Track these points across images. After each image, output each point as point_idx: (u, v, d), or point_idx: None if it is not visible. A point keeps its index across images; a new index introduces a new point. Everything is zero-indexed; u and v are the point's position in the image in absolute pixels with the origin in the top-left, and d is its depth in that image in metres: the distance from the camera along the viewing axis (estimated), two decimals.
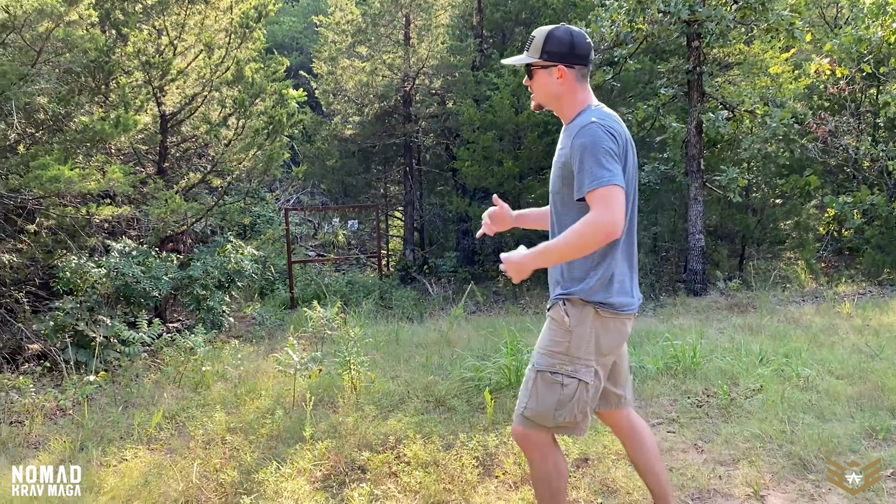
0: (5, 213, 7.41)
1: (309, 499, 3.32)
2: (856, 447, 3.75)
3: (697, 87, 10.00)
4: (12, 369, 6.17)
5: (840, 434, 3.88)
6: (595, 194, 2.34)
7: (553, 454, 2.63)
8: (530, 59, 2.57)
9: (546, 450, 2.61)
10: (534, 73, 2.58)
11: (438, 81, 13.81)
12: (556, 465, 2.64)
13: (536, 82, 2.59)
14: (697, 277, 10.30)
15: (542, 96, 2.60)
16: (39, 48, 6.66)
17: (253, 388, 5.19)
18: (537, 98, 2.63)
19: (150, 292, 7.17)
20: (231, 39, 8.82)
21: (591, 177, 2.34)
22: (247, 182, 10.26)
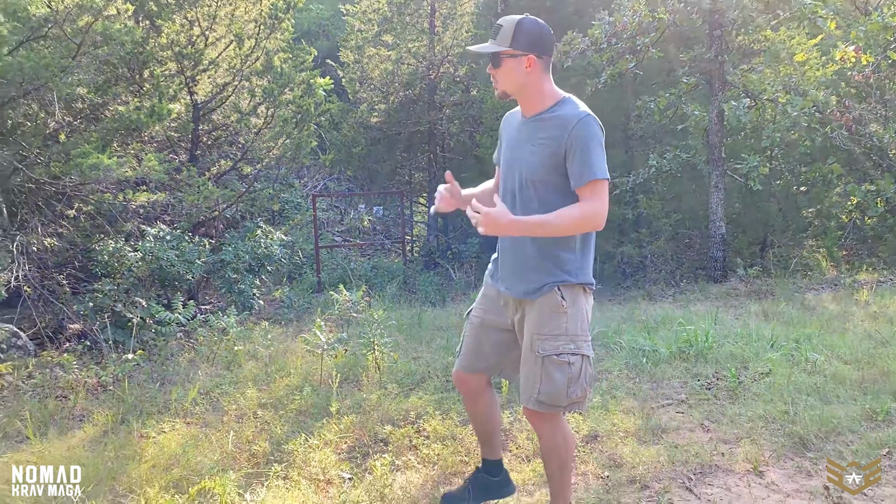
0: (46, 198, 7.75)
1: (335, 467, 3.58)
2: (855, 428, 3.92)
3: (719, 75, 10.07)
4: (55, 347, 6.49)
5: (841, 415, 4.05)
6: (597, 185, 2.54)
7: (563, 427, 2.80)
8: (499, 47, 2.59)
9: (556, 422, 2.76)
10: (501, 62, 2.60)
11: (463, 69, 13.96)
12: (565, 437, 2.80)
13: (503, 70, 2.61)
14: (718, 265, 10.40)
15: (508, 85, 2.63)
16: (79, 41, 6.94)
17: (282, 367, 5.46)
18: (502, 86, 2.65)
19: (183, 275, 7.46)
20: (260, 30, 9.06)
21: (592, 168, 2.52)
22: (276, 169, 10.53)
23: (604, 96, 12.03)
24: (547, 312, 2.67)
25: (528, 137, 2.67)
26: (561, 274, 2.68)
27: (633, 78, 11.72)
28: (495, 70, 2.64)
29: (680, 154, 10.80)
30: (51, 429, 4.37)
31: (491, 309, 2.91)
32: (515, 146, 2.73)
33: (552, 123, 2.61)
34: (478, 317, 2.94)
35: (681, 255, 11.88)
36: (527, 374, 2.71)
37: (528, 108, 2.70)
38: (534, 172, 2.64)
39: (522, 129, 2.72)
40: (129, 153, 7.71)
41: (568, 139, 2.55)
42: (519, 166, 2.70)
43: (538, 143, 2.63)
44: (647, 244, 11.51)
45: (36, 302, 6.98)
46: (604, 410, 4.29)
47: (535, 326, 2.68)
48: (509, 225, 2.49)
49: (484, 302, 2.95)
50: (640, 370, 5.20)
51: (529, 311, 2.73)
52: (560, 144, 2.57)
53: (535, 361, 2.67)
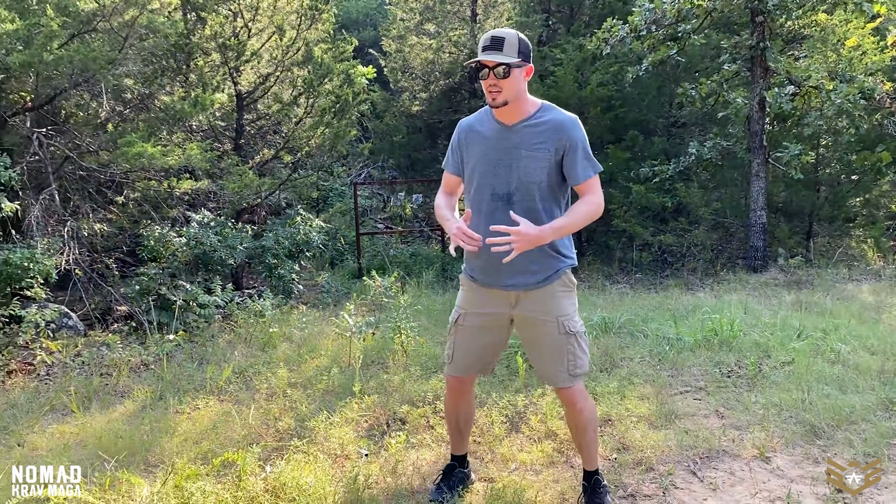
0: (98, 186, 8.11)
1: (353, 443, 3.75)
2: (868, 417, 3.93)
3: (761, 62, 9.91)
4: (103, 328, 6.82)
5: (856, 405, 4.06)
6: (595, 180, 2.84)
7: (588, 393, 3.07)
8: (510, 59, 2.71)
9: (586, 393, 3.03)
10: (511, 72, 2.72)
11: None
12: (592, 401, 3.11)
13: (511, 80, 2.73)
14: (758, 254, 10.27)
15: (511, 93, 2.75)
16: (126, 34, 7.24)
17: (314, 349, 5.66)
18: (505, 96, 2.74)
19: (226, 260, 7.72)
20: (301, 21, 9.27)
21: (591, 165, 2.84)
22: (318, 158, 10.75)
23: (645, 83, 11.95)
24: (561, 294, 2.92)
25: (519, 144, 2.81)
26: (564, 259, 2.93)
27: (675, 65, 11.59)
28: (503, 80, 2.72)
29: (720, 142, 10.67)
30: (94, 403, 4.64)
31: (486, 309, 2.98)
32: (502, 154, 2.83)
33: (545, 128, 2.80)
34: (473, 321, 3.02)
35: (720, 245, 11.75)
36: (558, 356, 2.90)
37: (514, 115, 2.83)
38: (533, 175, 2.80)
39: (508, 135, 2.83)
40: (173, 142, 8.00)
41: (566, 141, 2.79)
42: (513, 171, 2.82)
43: (534, 148, 2.79)
44: (687, 233, 11.42)
45: (86, 284, 7.33)
46: (619, 396, 4.37)
47: (557, 309, 2.90)
48: (540, 237, 2.68)
49: (476, 304, 3.01)
50: (662, 358, 5.25)
51: (536, 298, 2.89)
52: (558, 146, 2.79)
53: (566, 340, 2.89)
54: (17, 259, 5.99)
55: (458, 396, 3.17)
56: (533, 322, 2.91)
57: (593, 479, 3.09)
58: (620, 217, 11.06)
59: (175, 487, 2.98)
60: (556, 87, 11.52)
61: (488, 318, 2.99)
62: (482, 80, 2.77)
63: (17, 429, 4.14)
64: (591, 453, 3.08)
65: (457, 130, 3.03)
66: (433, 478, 3.35)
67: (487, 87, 2.76)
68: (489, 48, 2.74)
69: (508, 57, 2.71)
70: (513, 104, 2.79)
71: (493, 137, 2.87)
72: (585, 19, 13.81)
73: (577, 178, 2.81)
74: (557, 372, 2.91)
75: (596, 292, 8.82)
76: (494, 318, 2.98)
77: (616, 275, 10.72)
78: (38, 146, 6.97)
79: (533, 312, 2.90)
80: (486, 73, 2.74)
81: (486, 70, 2.74)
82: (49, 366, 5.57)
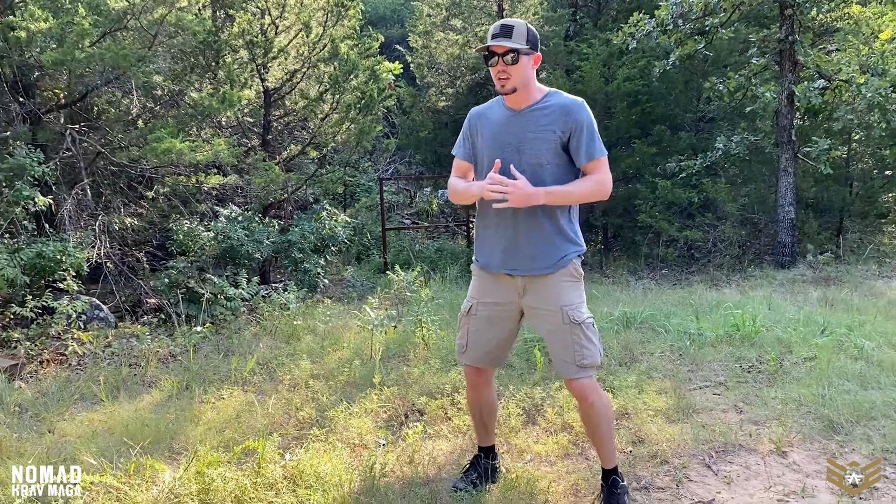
0: (128, 181, 8.28)
1: (371, 433, 3.82)
2: (888, 413, 3.91)
3: (790, 56, 9.80)
4: (133, 320, 6.98)
5: (877, 401, 4.03)
6: (603, 160, 2.87)
7: (601, 388, 3.03)
8: (519, 45, 2.77)
9: (598, 387, 2.99)
10: (519, 59, 2.78)
11: None
12: (606, 396, 3.05)
13: (519, 67, 2.79)
14: (786, 250, 10.18)
15: (519, 80, 2.81)
16: (155, 32, 7.38)
17: (337, 341, 5.74)
18: (514, 82, 2.80)
19: (253, 254, 7.84)
20: (328, 18, 9.35)
21: (599, 146, 2.86)
22: (344, 153, 10.85)
23: (672, 78, 11.88)
24: (568, 283, 2.92)
25: (525, 126, 2.87)
26: (572, 245, 2.94)
27: (703, 59, 11.50)
28: (511, 66, 2.79)
29: (748, 137, 10.57)
30: (122, 393, 4.77)
31: (497, 299, 3.01)
32: (509, 136, 2.89)
33: (551, 111, 2.86)
34: (485, 311, 3.05)
35: (748, 241, 11.65)
36: (564, 346, 2.89)
37: (521, 101, 2.89)
38: (541, 156, 2.85)
39: (516, 120, 2.90)
40: (201, 138, 8.13)
41: (572, 123, 2.83)
42: (520, 153, 2.87)
43: (541, 130, 2.85)
44: (714, 229, 11.33)
45: (117, 277, 7.50)
46: (637, 390, 4.38)
47: (562, 298, 2.89)
48: (536, 195, 2.73)
49: (486, 294, 3.04)
50: (682, 353, 5.24)
51: (542, 287, 2.91)
52: (564, 128, 2.83)
53: (571, 330, 2.87)
54: (51, 252, 6.16)
55: (477, 388, 3.19)
56: (538, 312, 2.94)
57: (611, 479, 3.05)
58: (646, 212, 11.01)
59: (196, 473, 3.06)
60: (583, 81, 11.50)
61: (499, 307, 3.02)
62: (491, 67, 2.84)
63: (49, 416, 4.27)
64: (607, 451, 3.04)
65: (468, 118, 3.09)
66: (448, 468, 3.40)
67: (496, 74, 2.82)
68: (498, 35, 2.80)
69: (517, 43, 2.77)
70: (521, 91, 2.85)
71: (501, 122, 2.93)
72: (613, 14, 13.75)
73: (581, 158, 2.84)
74: (564, 363, 2.89)
75: (619, 288, 8.80)
76: (504, 307, 3.01)
77: (641, 270, 10.68)
78: (71, 142, 7.14)
79: (538, 302, 2.92)
80: (496, 60, 2.80)
81: (496, 57, 2.80)
82: (80, 356, 5.72)
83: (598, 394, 2.95)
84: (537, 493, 3.13)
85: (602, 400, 2.96)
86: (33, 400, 4.54)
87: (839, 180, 11.34)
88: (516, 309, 3.01)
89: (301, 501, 3.00)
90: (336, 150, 10.02)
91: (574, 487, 3.21)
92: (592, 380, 2.93)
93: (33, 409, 4.41)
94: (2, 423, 4.08)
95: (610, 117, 11.82)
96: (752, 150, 10.83)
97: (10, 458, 3.56)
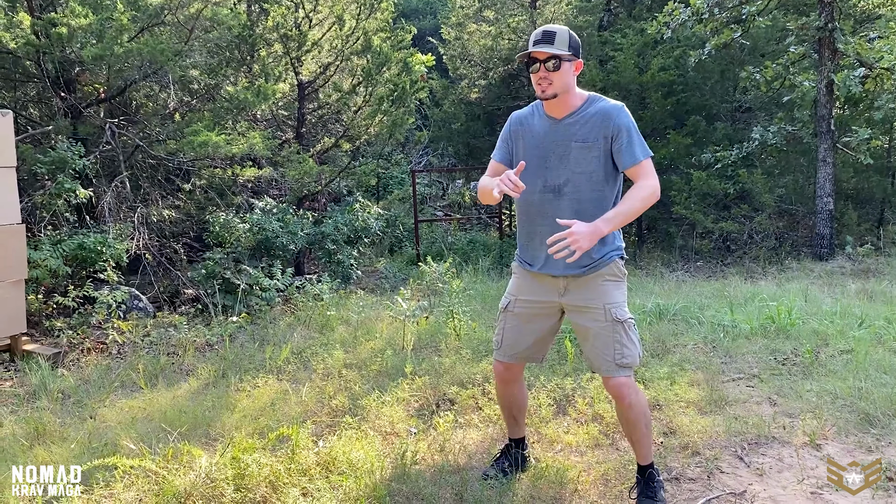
0: (166, 173, 8.44)
1: (403, 422, 3.86)
2: None
3: (829, 44, 9.61)
4: (171, 310, 7.12)
5: None
6: (647, 163, 2.84)
7: (639, 388, 3.01)
8: (561, 51, 2.77)
9: (637, 387, 2.96)
10: (561, 65, 2.78)
11: None
12: (643, 395, 3.02)
13: (561, 73, 2.79)
14: (824, 242, 10.01)
15: (560, 86, 2.81)
16: (192, 26, 7.51)
17: (369, 332, 5.80)
18: (555, 88, 2.80)
19: (287, 246, 7.94)
20: (361, 11, 9.41)
21: (642, 149, 2.84)
22: (377, 146, 10.91)
23: (708, 67, 11.71)
24: (611, 282, 2.92)
25: (569, 137, 2.88)
26: (612, 246, 2.94)
27: (740, 48, 11.32)
28: (554, 73, 2.78)
29: (786, 127, 10.39)
30: (160, 380, 4.88)
31: (536, 297, 3.02)
32: (553, 145, 2.90)
33: (594, 118, 2.86)
34: (522, 308, 3.06)
35: (785, 232, 11.47)
36: (604, 344, 2.87)
37: (563, 108, 2.89)
38: (585, 165, 2.87)
39: (556, 131, 2.91)
40: (237, 131, 8.24)
41: (613, 128, 2.83)
42: (564, 162, 2.89)
43: (583, 140, 2.86)
44: (750, 220, 11.18)
45: (155, 268, 7.66)
46: (669, 381, 4.37)
47: (606, 297, 2.89)
48: (603, 228, 2.70)
49: (525, 291, 3.06)
50: (716, 345, 5.21)
51: (587, 285, 2.91)
52: (607, 135, 2.84)
53: (612, 329, 2.86)
54: (91, 243, 6.32)
55: (505, 384, 3.21)
56: (580, 309, 2.93)
57: (647, 473, 3.03)
58: (681, 204, 10.89)
59: (232, 459, 3.13)
60: (617, 72, 11.39)
61: (538, 306, 3.02)
62: (532, 74, 2.83)
63: (90, 402, 4.39)
64: (645, 448, 3.02)
65: (508, 122, 3.10)
66: (479, 457, 3.43)
67: (537, 80, 2.82)
68: (541, 41, 2.80)
69: (559, 50, 2.77)
70: (562, 97, 2.85)
71: (542, 131, 2.94)
72: (647, 3, 13.58)
73: (625, 162, 2.83)
74: (604, 361, 2.88)
75: (653, 280, 8.74)
76: (544, 306, 3.02)
77: (675, 262, 10.58)
78: (111, 136, 7.29)
79: (581, 300, 2.92)
80: (538, 66, 2.80)
81: (538, 63, 2.79)
82: (120, 345, 5.86)
83: (637, 393, 2.93)
84: (567, 483, 3.15)
85: (640, 399, 2.94)
86: (75, 387, 4.67)
87: (880, 170, 11.11)
88: (556, 308, 3.01)
89: (333, 487, 3.05)
90: (369, 143, 10.08)
91: (604, 477, 3.22)
92: (631, 379, 2.90)
93: (75, 395, 4.54)
94: (46, 409, 4.21)
95: (644, 108, 11.69)
96: (790, 141, 10.64)
97: (54, 442, 3.68)
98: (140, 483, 3.08)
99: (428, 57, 10.98)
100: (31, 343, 5.74)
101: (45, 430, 3.84)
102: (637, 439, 2.99)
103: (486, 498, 3.01)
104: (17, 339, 5.51)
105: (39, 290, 6.41)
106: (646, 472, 3.03)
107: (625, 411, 2.92)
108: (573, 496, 3.07)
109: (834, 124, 9.99)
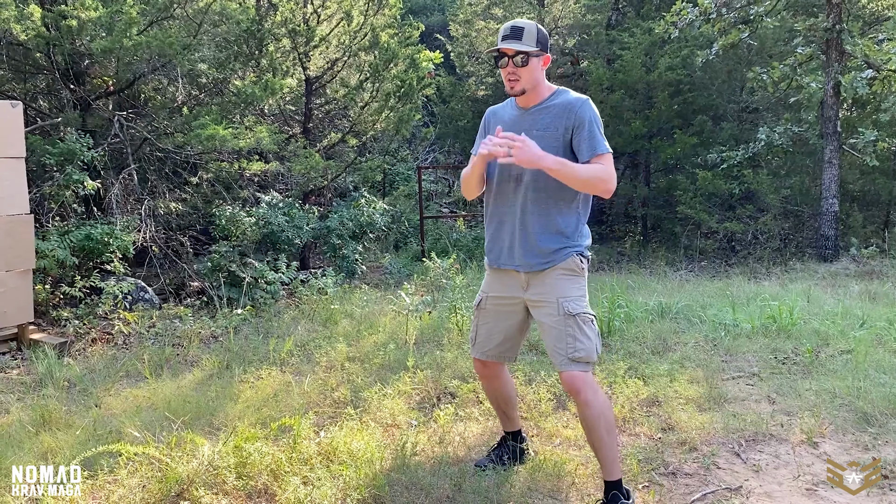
0: (173, 166, 8.49)
1: (404, 414, 3.91)
2: None
3: (836, 45, 9.60)
4: (176, 302, 7.17)
5: None
6: (608, 157, 2.83)
7: (599, 388, 2.92)
8: (529, 47, 2.79)
9: (595, 385, 2.86)
10: (529, 61, 2.81)
11: (572, 41, 13.90)
12: (604, 397, 2.91)
13: (529, 69, 2.82)
14: (829, 243, 10.01)
15: (528, 81, 2.84)
16: (200, 20, 7.55)
17: (372, 326, 5.85)
18: (523, 84, 2.84)
19: (292, 240, 7.98)
20: (369, 7, 9.44)
21: (602, 142, 2.83)
22: (383, 141, 10.94)
23: (716, 67, 11.72)
24: (566, 277, 2.90)
25: (532, 125, 2.89)
26: (571, 242, 2.92)
27: (747, 49, 11.32)
28: (522, 68, 2.81)
29: (792, 128, 10.39)
30: (165, 371, 4.93)
31: (503, 293, 3.04)
32: (518, 133, 2.84)
33: (555, 109, 2.88)
34: (493, 305, 3.09)
35: (790, 233, 11.47)
36: (557, 338, 2.85)
37: (530, 100, 2.92)
38: None
39: (523, 119, 2.93)
40: (244, 125, 8.29)
41: (575, 119, 2.83)
42: None
43: (545, 128, 2.87)
44: (755, 221, 11.18)
45: (161, 260, 7.71)
46: (669, 378, 4.40)
47: (559, 290, 2.88)
48: (545, 158, 2.69)
49: (495, 288, 3.08)
50: (717, 343, 5.23)
51: (543, 281, 2.91)
52: (567, 126, 2.84)
53: (565, 322, 2.83)
54: (98, 234, 6.37)
55: (486, 380, 3.25)
56: (536, 304, 2.94)
57: (611, 494, 2.86)
58: (686, 203, 10.91)
59: (235, 447, 3.18)
60: (624, 70, 11.41)
61: (505, 302, 3.05)
62: (501, 69, 2.86)
63: (96, 391, 4.45)
64: (608, 459, 2.86)
65: (484, 115, 3.15)
66: (478, 449, 3.47)
67: (506, 76, 2.84)
68: (509, 37, 2.81)
69: (527, 46, 2.78)
70: (531, 92, 2.88)
71: (510, 120, 2.96)
72: (656, 2, 13.58)
73: (584, 154, 2.81)
74: (556, 354, 2.85)
75: (657, 278, 8.76)
76: (510, 302, 3.03)
77: (680, 262, 10.60)
78: (119, 128, 7.34)
79: (537, 295, 2.92)
80: (506, 61, 2.81)
81: (506, 58, 2.81)
82: (126, 335, 5.92)
83: (595, 392, 2.82)
84: (564, 475, 3.19)
85: (598, 399, 2.82)
86: (81, 376, 4.73)
87: (886, 173, 11.09)
88: (521, 304, 3.02)
89: (334, 476, 3.09)
90: (375, 139, 10.12)
91: (601, 471, 3.24)
92: (588, 375, 2.83)
93: (81, 384, 4.59)
94: (52, 397, 4.26)
95: (651, 107, 11.70)
96: (796, 142, 10.65)
97: (60, 429, 3.73)
98: (144, 469, 3.13)
99: (436, 54, 10.99)
100: (39, 332, 5.80)
101: (51, 417, 3.89)
102: (597, 446, 2.87)
103: (484, 489, 3.05)
104: (24, 328, 5.58)
105: (47, 280, 6.47)
106: (609, 491, 2.87)
107: (580, 409, 2.85)
108: (570, 489, 3.11)
109: (840, 126, 9.98)
